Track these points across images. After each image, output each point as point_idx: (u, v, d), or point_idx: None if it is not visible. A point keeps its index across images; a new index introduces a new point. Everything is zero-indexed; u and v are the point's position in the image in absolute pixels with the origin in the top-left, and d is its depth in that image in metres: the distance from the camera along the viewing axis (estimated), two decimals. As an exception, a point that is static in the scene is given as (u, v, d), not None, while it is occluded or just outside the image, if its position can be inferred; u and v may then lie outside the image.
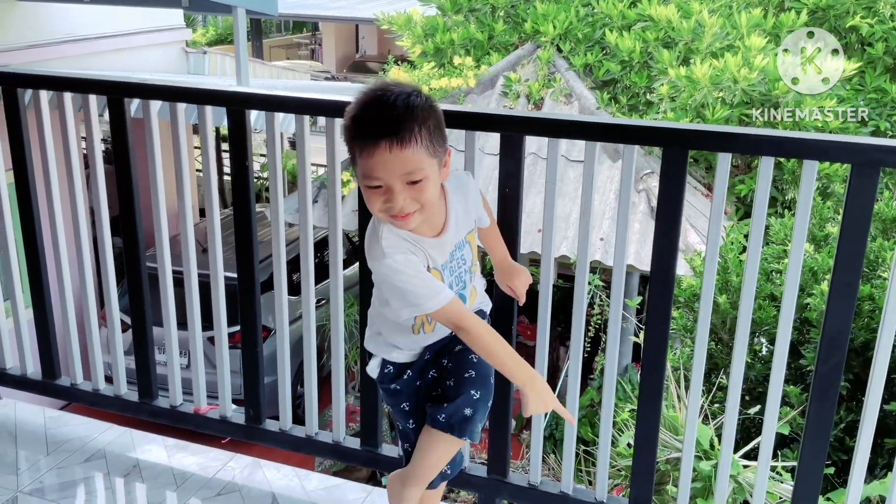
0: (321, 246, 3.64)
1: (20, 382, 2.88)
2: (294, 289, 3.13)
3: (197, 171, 11.60)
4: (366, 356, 1.93)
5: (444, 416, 1.75)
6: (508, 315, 2.23)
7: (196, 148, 11.25)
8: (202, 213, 2.75)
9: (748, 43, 6.67)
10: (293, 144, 12.05)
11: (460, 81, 7.67)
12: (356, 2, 19.53)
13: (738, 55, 6.62)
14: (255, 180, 2.58)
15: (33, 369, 2.90)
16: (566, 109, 7.63)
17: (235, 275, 2.47)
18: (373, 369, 1.89)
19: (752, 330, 4.02)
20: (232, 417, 2.66)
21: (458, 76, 7.73)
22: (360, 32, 24.45)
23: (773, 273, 4.20)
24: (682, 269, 5.37)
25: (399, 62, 8.79)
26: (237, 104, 2.28)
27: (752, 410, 3.51)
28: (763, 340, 4.10)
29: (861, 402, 3.81)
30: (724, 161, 1.92)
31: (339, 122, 2.23)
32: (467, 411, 1.73)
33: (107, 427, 2.86)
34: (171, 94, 2.35)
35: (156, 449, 2.76)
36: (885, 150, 1.80)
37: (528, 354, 2.00)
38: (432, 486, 1.96)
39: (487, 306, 1.96)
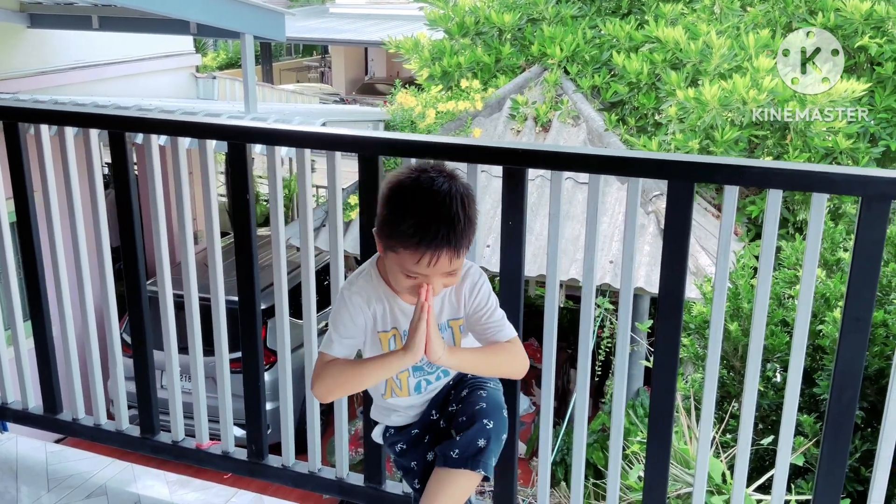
0: (326, 271, 3.62)
1: (22, 417, 2.85)
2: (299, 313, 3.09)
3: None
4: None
5: (456, 451, 1.70)
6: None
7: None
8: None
9: (756, 64, 6.63)
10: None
11: (468, 104, 7.67)
12: (365, 25, 19.66)
13: (746, 76, 6.58)
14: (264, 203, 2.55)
15: (35, 403, 2.87)
16: (574, 131, 7.61)
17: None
18: (377, 435, 1.94)
19: (764, 357, 3.96)
20: (234, 453, 2.62)
21: (466, 99, 7.73)
22: (369, 55, 24.57)
23: (785, 298, 4.13)
24: (692, 292, 5.32)
25: (407, 85, 8.81)
26: (238, 138, 2.26)
27: (766, 441, 3.44)
28: (776, 366, 4.03)
29: (876, 431, 3.74)
30: (731, 193, 1.89)
31: (339, 155, 2.22)
32: (480, 442, 1.69)
33: (108, 462, 2.83)
34: (173, 129, 2.33)
35: (158, 485, 2.72)
36: (894, 182, 1.76)
37: (537, 377, 1.95)
38: None
39: None
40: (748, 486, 3.13)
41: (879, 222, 1.78)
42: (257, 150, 3.27)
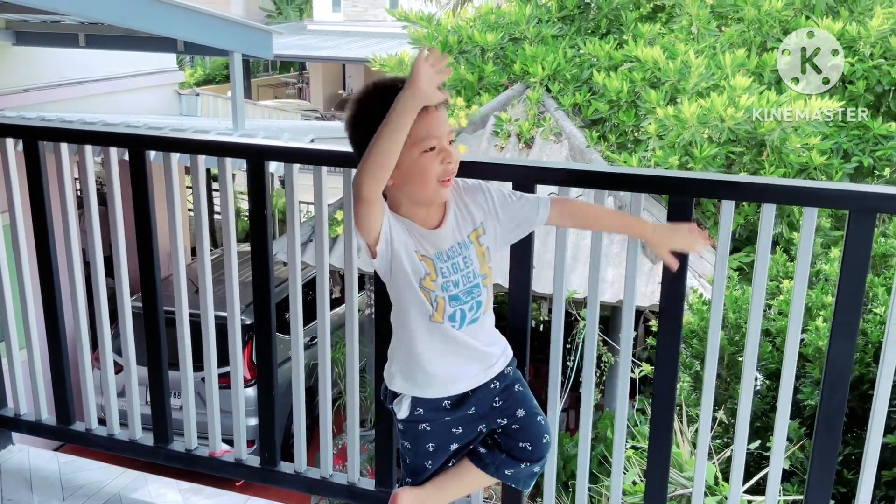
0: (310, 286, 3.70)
1: (35, 428, 2.91)
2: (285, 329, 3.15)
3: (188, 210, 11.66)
4: (385, 397, 1.94)
5: (511, 471, 1.92)
6: (521, 356, 2.30)
7: (187, 187, 11.33)
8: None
9: (733, 83, 6.83)
10: (282, 182, 12.15)
11: (452, 121, 7.80)
12: (343, 42, 19.79)
13: (723, 95, 6.78)
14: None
15: (47, 415, 2.94)
16: (556, 148, 7.76)
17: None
18: (403, 410, 1.88)
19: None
20: (247, 460, 2.70)
21: (450, 116, 7.87)
22: (346, 71, 24.68)
23: (767, 309, 4.29)
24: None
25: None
26: (257, 156, 2.36)
27: (753, 445, 3.58)
28: (759, 375, 4.17)
29: (858, 435, 3.89)
30: (728, 207, 2.02)
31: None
32: (536, 469, 1.94)
33: (121, 471, 2.90)
34: (192, 147, 2.43)
35: (170, 493, 2.80)
36: (881, 196, 1.91)
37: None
38: None
39: (510, 354, 1.98)
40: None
41: (866, 234, 1.92)
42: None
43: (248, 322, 2.58)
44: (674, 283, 2.11)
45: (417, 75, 1.57)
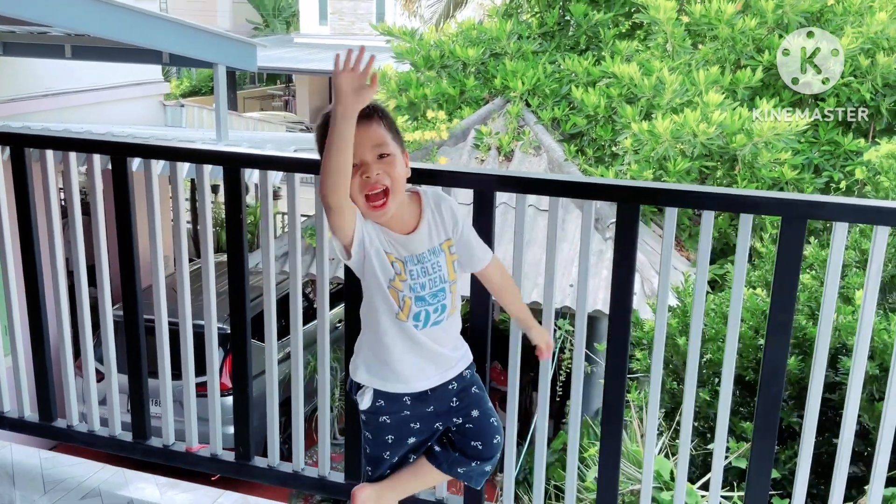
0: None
1: (18, 425, 3.02)
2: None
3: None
4: (351, 388, 2.06)
5: (463, 469, 2.04)
6: (482, 359, 2.42)
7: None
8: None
9: (706, 99, 7.02)
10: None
11: (434, 134, 7.97)
12: (330, 55, 19.92)
13: (697, 111, 6.96)
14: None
15: (30, 412, 3.04)
16: (535, 161, 7.93)
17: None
18: (365, 401, 2.00)
19: (712, 370, 4.25)
20: (222, 455, 2.82)
21: (432, 129, 8.02)
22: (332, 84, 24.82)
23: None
24: (647, 312, 5.63)
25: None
26: (234, 163, 2.49)
27: (712, 445, 3.71)
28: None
29: (817, 440, 4.04)
30: (671, 214, 2.17)
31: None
32: (488, 468, 2.06)
33: (100, 467, 3.00)
34: (172, 154, 2.56)
35: (149, 487, 2.90)
36: (810, 204, 2.06)
37: (502, 399, 2.23)
38: None
39: (469, 358, 2.09)
40: (695, 483, 3.40)
41: (798, 239, 2.07)
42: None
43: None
44: (622, 295, 2.25)
45: (338, 86, 1.70)
